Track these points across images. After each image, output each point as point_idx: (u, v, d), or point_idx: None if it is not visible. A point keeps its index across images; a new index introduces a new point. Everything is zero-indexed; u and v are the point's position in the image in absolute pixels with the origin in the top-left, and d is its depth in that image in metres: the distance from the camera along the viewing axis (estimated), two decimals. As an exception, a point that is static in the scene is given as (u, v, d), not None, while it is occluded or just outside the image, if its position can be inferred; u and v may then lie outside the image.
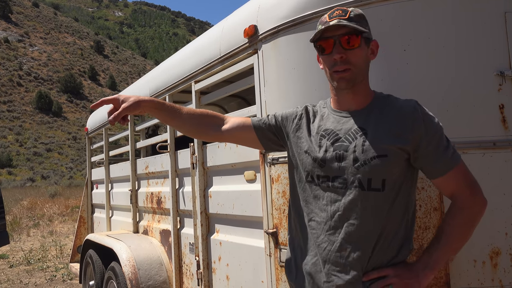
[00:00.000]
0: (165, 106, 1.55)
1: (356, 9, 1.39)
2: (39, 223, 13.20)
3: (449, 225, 1.35)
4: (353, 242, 1.31)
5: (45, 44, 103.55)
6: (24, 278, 6.60)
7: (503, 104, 1.63)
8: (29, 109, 73.43)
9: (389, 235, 1.32)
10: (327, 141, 1.39)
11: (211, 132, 1.59)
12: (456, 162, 1.34)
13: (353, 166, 1.32)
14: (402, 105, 1.36)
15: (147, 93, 3.38)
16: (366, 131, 1.34)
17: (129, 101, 1.45)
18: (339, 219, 1.33)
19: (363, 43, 1.35)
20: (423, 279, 1.31)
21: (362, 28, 1.32)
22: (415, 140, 1.31)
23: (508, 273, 1.58)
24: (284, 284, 1.86)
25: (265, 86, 2.01)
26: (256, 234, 2.16)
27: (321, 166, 1.37)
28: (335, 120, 1.42)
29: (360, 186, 1.31)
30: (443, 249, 1.33)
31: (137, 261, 3.07)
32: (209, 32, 2.66)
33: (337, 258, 1.32)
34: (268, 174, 1.96)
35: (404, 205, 1.35)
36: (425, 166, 1.35)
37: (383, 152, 1.30)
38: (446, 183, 1.36)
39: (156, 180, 3.39)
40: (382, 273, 1.31)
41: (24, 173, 51.32)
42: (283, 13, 1.91)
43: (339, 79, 1.35)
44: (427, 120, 1.33)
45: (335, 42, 1.34)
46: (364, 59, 1.38)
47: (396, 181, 1.32)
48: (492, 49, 1.65)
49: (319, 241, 1.37)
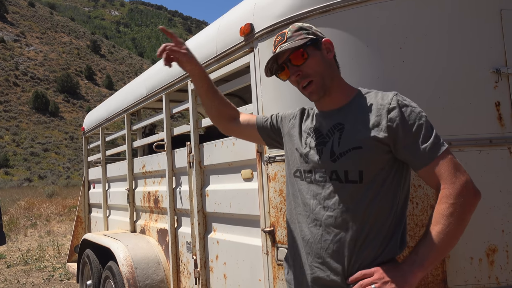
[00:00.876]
0: (208, 78, 1.65)
1: (294, 24, 1.46)
2: (36, 223, 13.17)
3: (433, 218, 1.27)
4: (332, 234, 1.33)
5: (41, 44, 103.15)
6: (22, 278, 6.58)
7: (499, 102, 1.63)
8: (25, 109, 73.17)
9: (372, 229, 1.31)
10: (311, 138, 1.46)
11: (225, 122, 1.73)
12: (438, 151, 1.27)
13: (330, 159, 1.37)
14: (380, 97, 1.37)
15: (144, 92, 3.38)
16: (344, 125, 1.39)
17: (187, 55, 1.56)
18: (319, 211, 1.37)
19: (311, 51, 1.41)
20: (410, 278, 1.24)
21: (300, 42, 1.38)
22: (392, 131, 1.30)
23: (505, 270, 1.59)
24: (281, 282, 1.86)
25: (261, 84, 2.01)
26: (253, 233, 2.16)
27: (305, 161, 1.44)
28: (318, 120, 1.49)
29: (338, 179, 1.35)
30: (429, 244, 1.24)
31: (135, 260, 3.06)
32: (205, 30, 2.65)
33: (318, 250, 1.36)
34: (265, 172, 1.96)
35: (389, 199, 1.33)
36: (406, 157, 1.32)
37: (358, 144, 1.32)
38: (430, 175, 1.30)
39: (153, 179, 3.39)
40: (367, 272, 1.28)
41: (21, 173, 51.17)
42: (279, 11, 1.91)
43: (310, 94, 1.44)
44: (404, 110, 1.30)
45: (287, 65, 1.44)
46: (321, 64, 1.42)
47: (379, 174, 1.32)
48: (488, 46, 1.65)
49: (303, 234, 1.41)
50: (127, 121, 3.87)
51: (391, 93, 1.36)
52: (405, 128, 1.29)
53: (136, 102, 3.56)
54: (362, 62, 1.70)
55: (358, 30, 1.72)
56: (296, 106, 1.74)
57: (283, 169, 1.86)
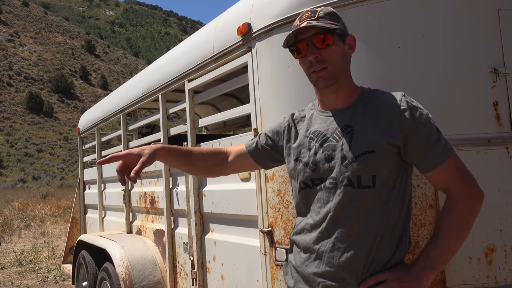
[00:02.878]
0: (176, 152, 1.54)
1: (327, 7, 1.39)
2: (31, 224, 13.08)
3: (445, 221, 1.30)
4: (345, 242, 1.29)
5: (36, 44, 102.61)
6: (16, 280, 6.53)
7: (497, 101, 1.64)
8: (19, 109, 72.74)
9: (386, 233, 1.29)
10: (315, 143, 1.39)
11: (217, 169, 1.64)
12: (447, 154, 1.29)
13: (341, 164, 1.31)
14: (388, 98, 1.33)
15: (140, 92, 3.36)
16: (353, 128, 1.33)
17: (145, 154, 1.41)
18: (331, 219, 1.31)
19: (337, 40, 1.35)
20: (423, 280, 1.26)
21: (333, 26, 1.31)
22: (403, 133, 1.28)
23: (503, 270, 1.59)
24: (279, 283, 1.85)
25: (259, 84, 2.00)
26: (251, 233, 2.14)
27: (313, 170, 1.37)
28: (322, 120, 1.42)
29: (350, 184, 1.29)
30: (441, 246, 1.28)
31: (131, 261, 3.04)
32: (202, 30, 2.64)
33: (331, 258, 1.31)
34: (263, 172, 1.95)
35: (399, 201, 1.32)
36: (416, 160, 1.32)
37: (371, 148, 1.28)
38: (439, 177, 1.32)
39: (149, 180, 3.37)
40: (380, 278, 1.27)
41: (15, 174, 50.85)
42: (277, 10, 1.90)
43: (317, 79, 1.36)
44: (414, 112, 1.29)
45: (308, 43, 1.34)
46: (341, 56, 1.36)
47: (389, 177, 1.30)
48: (486, 46, 1.66)
49: (315, 243, 1.35)
50: (123, 121, 3.84)
51: (399, 94, 1.33)
52: (416, 131, 1.28)
53: (132, 102, 3.54)
54: (360, 62, 1.69)
55: (356, 30, 1.71)
56: (294, 105, 1.74)
57: (281, 169, 1.85)
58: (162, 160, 1.52)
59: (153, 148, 1.45)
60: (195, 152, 1.60)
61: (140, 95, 3.35)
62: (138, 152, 1.42)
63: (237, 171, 1.75)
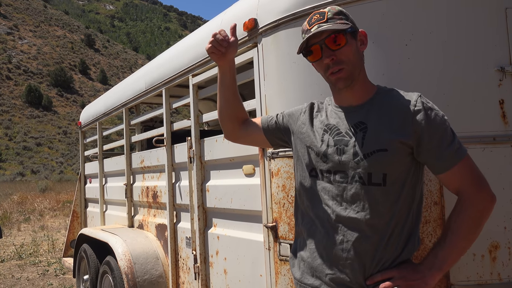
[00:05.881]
0: (235, 77, 1.63)
1: (333, 7, 1.40)
2: (30, 218, 13.09)
3: (454, 223, 1.30)
4: (354, 237, 1.30)
5: (35, 37, 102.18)
6: (16, 272, 6.54)
7: (503, 99, 1.64)
8: (18, 103, 72.54)
9: (394, 231, 1.30)
10: (329, 136, 1.40)
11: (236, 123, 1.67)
12: (460, 157, 1.30)
13: (353, 160, 1.32)
14: (404, 98, 1.34)
15: (143, 86, 3.36)
16: (367, 125, 1.34)
17: (232, 43, 1.55)
18: (340, 213, 1.33)
19: (349, 38, 1.35)
20: (429, 280, 1.27)
21: (343, 26, 1.32)
22: (417, 133, 1.29)
23: (507, 267, 1.60)
24: (283, 277, 1.86)
25: (265, 80, 2.00)
26: (254, 228, 2.15)
27: (323, 161, 1.38)
28: (337, 116, 1.43)
29: (361, 181, 1.30)
30: (449, 248, 1.29)
31: (133, 255, 3.05)
32: (208, 25, 2.64)
33: (339, 251, 1.32)
34: (267, 168, 1.95)
35: (409, 200, 1.33)
36: (428, 161, 1.33)
37: (383, 146, 1.29)
38: (451, 179, 1.33)
39: (152, 174, 3.37)
40: (386, 275, 1.28)
41: (14, 168, 50.81)
42: (284, 6, 1.90)
43: (337, 80, 1.37)
44: (429, 113, 1.30)
45: (322, 47, 1.35)
46: (355, 54, 1.37)
47: (400, 176, 1.31)
48: (493, 44, 1.66)
49: (322, 235, 1.37)
50: (125, 115, 3.84)
51: (415, 95, 1.34)
52: (430, 132, 1.29)
53: (135, 96, 3.54)
54: (367, 59, 1.69)
55: (364, 27, 1.72)
56: (300, 101, 1.74)
57: (286, 165, 1.86)
58: (227, 66, 1.59)
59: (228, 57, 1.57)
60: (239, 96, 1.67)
61: (143, 89, 3.35)
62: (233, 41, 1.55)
63: (245, 142, 1.79)
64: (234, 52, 1.57)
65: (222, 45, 1.52)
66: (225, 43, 1.52)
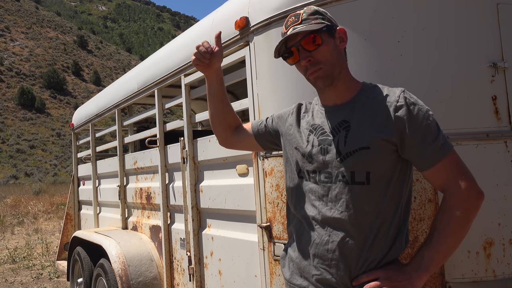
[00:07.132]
0: (223, 86, 1.64)
1: (309, 7, 1.40)
2: (24, 221, 12.99)
3: (440, 222, 1.26)
4: (340, 236, 1.29)
5: (27, 39, 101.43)
6: (10, 276, 6.48)
7: (496, 96, 1.64)
8: (11, 105, 71.97)
9: (380, 230, 1.28)
10: (314, 136, 1.40)
11: (228, 130, 1.69)
12: (444, 153, 1.26)
13: (336, 159, 1.31)
14: (386, 94, 1.32)
15: (135, 87, 3.33)
16: (349, 123, 1.33)
17: (217, 53, 1.54)
18: (326, 213, 1.32)
19: (326, 37, 1.34)
20: (416, 281, 1.24)
21: (317, 26, 1.32)
22: (399, 130, 1.26)
23: (501, 264, 1.60)
24: (278, 277, 1.85)
25: (257, 78, 1.99)
26: (248, 228, 2.14)
27: (309, 161, 1.38)
28: (322, 115, 1.42)
29: (344, 180, 1.29)
30: (436, 248, 1.25)
31: (127, 257, 3.03)
32: (199, 24, 2.62)
33: (325, 252, 1.31)
34: (261, 167, 1.94)
35: (396, 199, 1.30)
36: (412, 157, 1.29)
37: (365, 144, 1.27)
38: (436, 176, 1.29)
39: (145, 176, 3.35)
40: (372, 276, 1.26)
41: (7, 171, 50.42)
42: (275, 4, 1.89)
43: (316, 79, 1.37)
44: (412, 108, 1.27)
45: (298, 48, 1.36)
46: (333, 52, 1.36)
47: (385, 174, 1.29)
48: (485, 40, 1.66)
49: (309, 235, 1.36)
50: (118, 116, 3.81)
51: (398, 90, 1.31)
52: (412, 128, 1.26)
53: (128, 97, 3.51)
54: (359, 56, 1.69)
55: (356, 24, 1.71)
56: (292, 100, 1.72)
57: (279, 164, 1.85)
58: (214, 76, 1.59)
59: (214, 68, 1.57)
60: (229, 104, 1.68)
61: (136, 90, 3.32)
62: (217, 51, 1.55)
63: (239, 148, 1.79)
64: (219, 62, 1.57)
65: (205, 57, 1.51)
66: (208, 55, 1.52)
